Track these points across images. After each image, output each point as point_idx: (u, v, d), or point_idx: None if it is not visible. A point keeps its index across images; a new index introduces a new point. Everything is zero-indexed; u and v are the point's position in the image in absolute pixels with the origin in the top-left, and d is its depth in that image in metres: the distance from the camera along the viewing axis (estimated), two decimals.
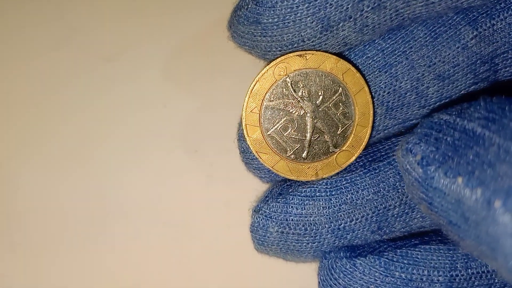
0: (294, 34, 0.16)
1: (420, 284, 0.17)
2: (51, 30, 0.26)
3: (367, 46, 0.18)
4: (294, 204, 0.18)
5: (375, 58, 0.18)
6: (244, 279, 0.23)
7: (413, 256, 0.17)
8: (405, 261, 0.17)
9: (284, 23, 0.16)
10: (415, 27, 0.17)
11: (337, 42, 0.17)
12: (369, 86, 0.18)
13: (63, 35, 0.26)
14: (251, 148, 0.18)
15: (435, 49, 0.17)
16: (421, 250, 0.18)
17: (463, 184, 0.13)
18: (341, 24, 0.16)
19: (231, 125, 0.21)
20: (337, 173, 0.18)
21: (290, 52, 0.17)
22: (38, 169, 0.24)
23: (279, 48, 0.17)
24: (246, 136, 0.18)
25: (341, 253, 0.18)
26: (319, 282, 0.18)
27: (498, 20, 0.17)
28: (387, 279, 0.17)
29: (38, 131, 0.25)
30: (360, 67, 0.18)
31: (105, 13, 0.26)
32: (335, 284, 0.17)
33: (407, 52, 0.18)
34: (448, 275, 0.17)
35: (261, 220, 0.18)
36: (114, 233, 0.23)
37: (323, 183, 0.18)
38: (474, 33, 0.17)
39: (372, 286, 0.17)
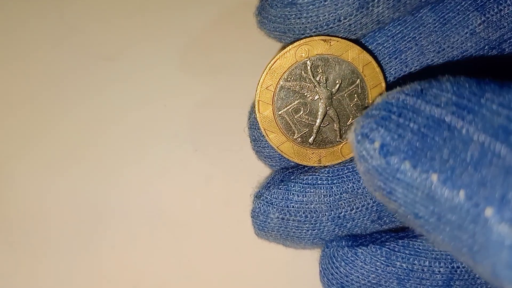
0: (330, 13, 0.16)
1: (421, 274, 0.17)
2: (50, 30, 0.25)
3: (377, 33, 0.18)
4: (295, 191, 0.18)
5: (385, 45, 0.18)
6: (244, 278, 0.22)
7: (415, 246, 0.17)
8: (407, 252, 0.17)
9: (321, 1, 0.16)
10: (424, 13, 0.17)
11: (371, 20, 0.17)
12: (386, 83, 0.18)
13: (63, 34, 0.25)
14: (260, 125, 0.18)
15: (444, 34, 0.17)
16: (423, 241, 0.17)
17: (439, 182, 0.12)
18: (376, 0, 0.16)
19: (231, 124, 0.21)
20: (339, 163, 0.18)
21: (315, 36, 0.17)
22: (38, 168, 0.24)
23: (314, 30, 0.17)
24: (257, 112, 0.18)
25: (343, 242, 0.18)
26: (320, 271, 0.18)
27: (506, 6, 0.17)
28: (388, 269, 0.17)
29: (37, 131, 0.24)
30: None
31: (105, 12, 0.26)
32: (336, 273, 0.17)
33: (416, 38, 0.17)
34: (449, 267, 0.17)
35: (262, 206, 0.18)
36: (114, 232, 0.23)
37: (325, 172, 0.18)
38: (482, 19, 0.17)
39: (373, 275, 0.17)
